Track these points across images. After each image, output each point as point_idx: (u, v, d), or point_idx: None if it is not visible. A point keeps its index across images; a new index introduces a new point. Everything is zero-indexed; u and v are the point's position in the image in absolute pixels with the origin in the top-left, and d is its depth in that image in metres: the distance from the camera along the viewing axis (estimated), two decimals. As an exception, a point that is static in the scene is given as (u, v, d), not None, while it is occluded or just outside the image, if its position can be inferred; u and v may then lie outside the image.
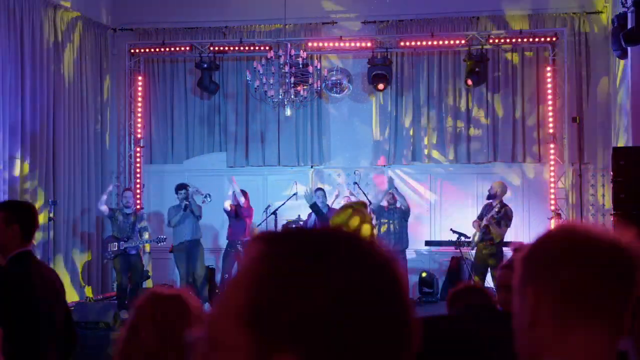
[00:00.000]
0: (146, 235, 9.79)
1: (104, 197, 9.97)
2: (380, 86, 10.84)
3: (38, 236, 8.30)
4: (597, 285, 1.20)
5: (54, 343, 3.45)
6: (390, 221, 9.72)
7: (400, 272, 0.86)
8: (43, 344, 3.38)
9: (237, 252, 9.68)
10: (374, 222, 9.13)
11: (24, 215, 3.51)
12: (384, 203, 9.86)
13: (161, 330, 2.15)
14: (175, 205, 9.91)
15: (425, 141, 11.31)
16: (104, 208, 9.88)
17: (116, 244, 9.55)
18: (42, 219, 8.99)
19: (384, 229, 9.72)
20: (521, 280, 1.26)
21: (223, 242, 10.68)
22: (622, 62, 9.10)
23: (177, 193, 9.88)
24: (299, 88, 10.00)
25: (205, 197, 9.89)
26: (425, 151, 11.32)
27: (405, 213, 9.83)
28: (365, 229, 3.24)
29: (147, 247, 10.67)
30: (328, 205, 9.92)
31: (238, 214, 9.91)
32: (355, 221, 3.20)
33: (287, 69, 9.89)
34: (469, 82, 10.62)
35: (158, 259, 11.20)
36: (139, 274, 9.70)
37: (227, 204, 9.98)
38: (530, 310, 1.22)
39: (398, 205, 9.85)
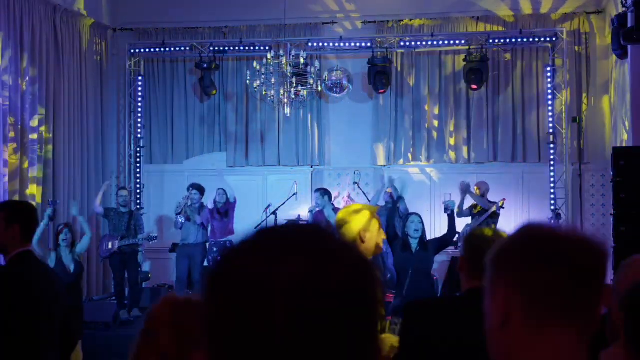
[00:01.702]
0: (142, 235, 9.72)
1: (100, 197, 9.85)
2: (382, 90, 10.85)
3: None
4: (566, 285, 1.20)
5: (53, 343, 3.45)
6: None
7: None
8: (43, 344, 3.38)
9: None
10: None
11: (25, 215, 3.51)
12: (382, 202, 9.81)
13: (179, 336, 2.21)
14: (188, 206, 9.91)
15: (425, 141, 11.32)
16: (100, 210, 9.86)
17: (111, 242, 9.53)
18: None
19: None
20: (491, 281, 1.26)
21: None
22: (622, 62, 9.10)
23: (187, 192, 9.86)
24: (298, 90, 10.00)
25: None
26: (425, 151, 11.32)
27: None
28: (381, 233, 3.39)
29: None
30: (333, 205, 9.90)
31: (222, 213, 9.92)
32: (375, 225, 3.34)
33: (287, 69, 9.88)
34: (474, 86, 10.60)
35: (158, 259, 11.19)
36: (134, 273, 9.62)
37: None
38: (501, 311, 1.22)
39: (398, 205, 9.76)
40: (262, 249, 0.88)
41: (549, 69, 10.82)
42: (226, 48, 11.31)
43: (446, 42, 10.96)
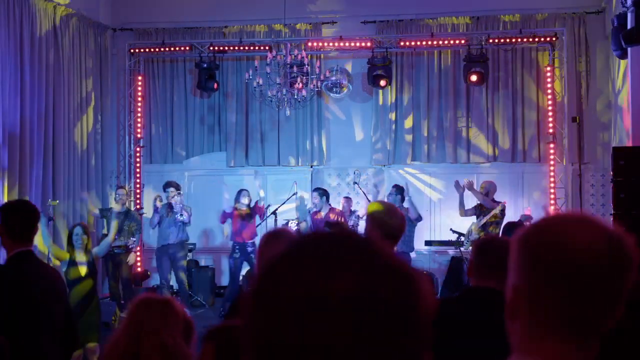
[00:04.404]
0: (137, 236, 9.65)
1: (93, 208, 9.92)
2: (382, 83, 10.83)
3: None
4: (566, 294, 1.11)
5: (54, 343, 3.44)
6: None
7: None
8: (43, 343, 3.38)
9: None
10: None
11: (25, 214, 3.49)
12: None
13: (143, 333, 2.20)
14: (162, 205, 9.82)
15: (425, 141, 11.31)
16: (95, 213, 9.87)
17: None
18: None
19: None
20: (508, 269, 1.19)
21: (224, 243, 10.64)
22: (622, 62, 9.10)
23: (164, 191, 9.79)
24: (299, 88, 9.99)
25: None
26: (425, 151, 11.32)
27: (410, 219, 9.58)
28: None
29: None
30: (330, 205, 9.88)
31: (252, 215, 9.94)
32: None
33: (287, 68, 9.88)
34: (473, 78, 10.53)
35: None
36: (124, 273, 9.55)
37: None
38: (510, 304, 1.17)
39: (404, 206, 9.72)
40: (312, 265, 0.86)
41: (548, 68, 10.82)
42: (226, 48, 11.30)
43: (446, 42, 10.96)
